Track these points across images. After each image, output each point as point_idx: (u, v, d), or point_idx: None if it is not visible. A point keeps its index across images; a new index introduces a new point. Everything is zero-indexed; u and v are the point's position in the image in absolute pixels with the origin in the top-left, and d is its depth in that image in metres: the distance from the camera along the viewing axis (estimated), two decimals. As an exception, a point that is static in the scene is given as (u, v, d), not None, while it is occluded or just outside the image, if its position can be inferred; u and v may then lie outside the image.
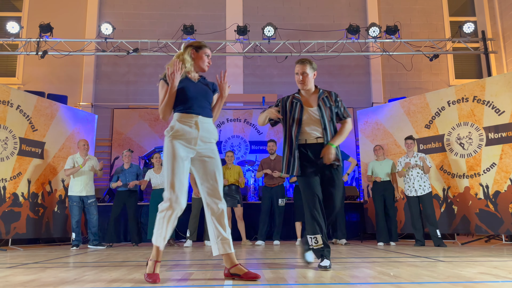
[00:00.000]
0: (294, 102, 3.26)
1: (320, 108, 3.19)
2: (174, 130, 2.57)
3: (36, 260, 4.02)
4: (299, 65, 3.23)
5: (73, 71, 9.55)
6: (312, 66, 3.25)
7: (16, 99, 6.05)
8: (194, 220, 6.17)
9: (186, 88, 2.62)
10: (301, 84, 3.24)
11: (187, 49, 2.73)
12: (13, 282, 2.51)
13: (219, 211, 2.60)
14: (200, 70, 2.76)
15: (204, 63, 2.74)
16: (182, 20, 9.34)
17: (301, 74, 3.22)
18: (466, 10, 10.50)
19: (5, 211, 5.71)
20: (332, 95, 3.29)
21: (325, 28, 9.65)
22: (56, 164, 6.58)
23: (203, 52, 2.73)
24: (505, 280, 2.40)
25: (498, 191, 5.61)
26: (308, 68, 3.21)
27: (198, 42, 2.77)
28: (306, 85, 3.23)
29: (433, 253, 4.28)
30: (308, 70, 3.21)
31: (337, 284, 2.33)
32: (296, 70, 3.24)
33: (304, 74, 3.21)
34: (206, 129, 2.63)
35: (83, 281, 2.53)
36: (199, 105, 2.63)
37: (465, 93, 6.11)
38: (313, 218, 3.06)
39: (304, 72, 3.21)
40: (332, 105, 3.23)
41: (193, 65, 2.72)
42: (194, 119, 2.59)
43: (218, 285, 2.36)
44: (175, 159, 2.52)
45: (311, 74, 3.23)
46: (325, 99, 3.24)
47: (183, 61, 2.68)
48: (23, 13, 9.75)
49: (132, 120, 9.35)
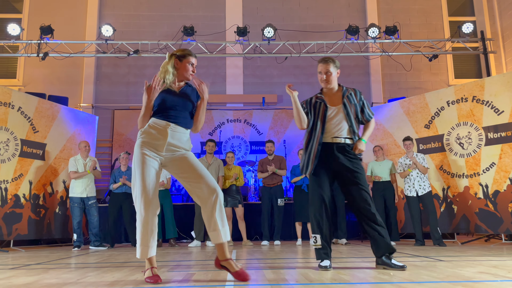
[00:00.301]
0: (317, 102, 3.25)
1: (345, 106, 3.17)
2: (142, 134, 2.60)
3: (38, 261, 4.05)
4: (322, 64, 3.21)
5: (74, 72, 9.57)
6: (335, 64, 3.23)
7: (18, 100, 6.07)
8: (199, 221, 6.20)
9: (164, 99, 2.64)
10: (324, 83, 3.22)
11: (171, 59, 2.72)
12: (16, 283, 2.53)
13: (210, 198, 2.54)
14: (184, 79, 2.75)
15: (188, 72, 2.72)
16: (182, 21, 9.36)
17: (324, 73, 3.20)
18: (465, 10, 10.52)
19: (6, 213, 5.73)
20: (356, 93, 3.27)
21: (325, 28, 9.67)
22: (57, 166, 6.61)
23: (187, 61, 2.71)
24: (504, 279, 2.42)
25: (498, 190, 5.63)
26: (332, 66, 3.19)
27: (181, 51, 2.75)
28: (329, 84, 3.21)
29: (433, 253, 4.30)
30: (332, 68, 3.19)
31: (337, 284, 2.35)
32: (319, 69, 3.21)
33: (328, 73, 3.19)
34: (177, 138, 2.62)
35: (85, 282, 2.55)
36: (175, 115, 2.63)
37: (464, 93, 6.14)
38: (314, 218, 3.08)
39: (328, 71, 3.19)
40: (356, 103, 3.22)
41: (176, 75, 2.72)
42: (165, 126, 2.59)
43: (219, 285, 2.38)
44: (143, 163, 2.53)
45: (334, 72, 3.22)
46: (349, 96, 3.21)
47: (166, 72, 2.68)
48: (24, 14, 9.77)
49: (133, 121, 9.37)
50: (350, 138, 3.16)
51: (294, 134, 9.30)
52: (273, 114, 9.54)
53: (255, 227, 6.91)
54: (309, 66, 9.63)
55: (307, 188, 6.26)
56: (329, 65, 3.19)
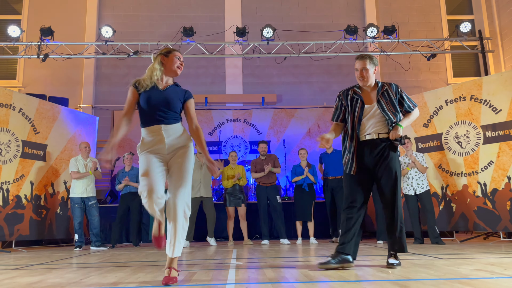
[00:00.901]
0: (354, 98, 3.21)
1: (380, 103, 3.11)
2: (143, 145, 2.65)
3: (41, 261, 4.09)
4: (359, 61, 3.16)
5: (73, 73, 9.60)
6: (373, 61, 3.18)
7: (18, 102, 6.11)
8: (190, 220, 6.22)
9: (148, 97, 2.65)
10: (361, 81, 3.18)
11: (157, 58, 2.76)
12: (21, 283, 2.57)
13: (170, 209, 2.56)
14: (172, 74, 2.75)
15: (175, 64, 2.73)
16: (181, 22, 9.39)
17: (361, 70, 3.15)
18: (464, 8, 10.56)
19: (8, 213, 5.77)
20: (392, 87, 3.19)
21: (324, 28, 9.71)
22: (58, 166, 6.65)
23: (173, 55, 2.75)
24: (500, 276, 2.46)
25: (496, 188, 5.67)
26: (368, 63, 3.15)
27: (167, 48, 2.80)
28: (366, 81, 3.17)
29: (431, 251, 4.35)
30: (369, 65, 3.14)
31: (336, 281, 2.39)
32: (356, 66, 3.17)
33: (364, 70, 3.14)
34: (172, 135, 2.64)
35: (89, 282, 2.59)
36: (159, 115, 2.63)
37: (462, 92, 6.17)
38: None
39: (364, 68, 3.14)
40: (393, 97, 3.15)
41: (164, 71, 2.74)
42: (157, 130, 2.62)
43: (221, 283, 2.42)
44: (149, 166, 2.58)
45: (371, 69, 3.16)
46: (384, 93, 3.16)
47: (153, 70, 2.73)
48: (23, 15, 9.80)
49: (133, 121, 9.37)
50: (388, 133, 3.11)
51: (294, 133, 9.34)
52: (273, 114, 9.58)
53: (255, 227, 6.95)
54: (308, 66, 9.67)
55: (308, 188, 6.30)
56: (366, 62, 3.14)
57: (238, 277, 2.65)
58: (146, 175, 2.56)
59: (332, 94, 9.70)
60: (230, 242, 6.31)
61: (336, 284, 2.30)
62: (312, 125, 9.37)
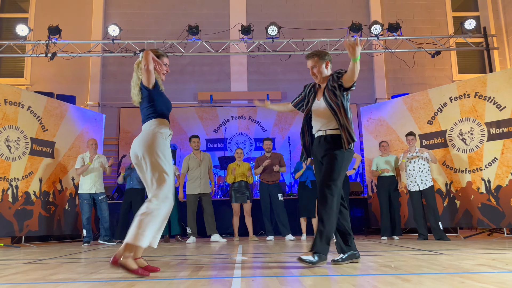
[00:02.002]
0: (312, 92, 3.27)
1: (325, 98, 3.11)
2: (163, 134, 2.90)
3: (51, 256, 4.18)
4: (308, 60, 3.21)
5: (80, 71, 9.70)
6: (323, 57, 3.17)
7: (27, 100, 6.20)
8: (192, 217, 6.29)
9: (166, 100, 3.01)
10: (315, 79, 3.23)
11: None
12: (34, 277, 2.66)
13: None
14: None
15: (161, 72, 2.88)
16: (186, 19, 9.46)
17: (311, 68, 3.21)
18: (469, 5, 10.53)
19: (18, 209, 5.88)
20: (334, 75, 3.12)
21: (328, 25, 9.73)
22: (66, 163, 6.75)
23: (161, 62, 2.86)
24: (501, 271, 2.51)
25: (500, 185, 5.70)
26: (318, 60, 3.17)
27: (156, 51, 2.86)
28: (319, 78, 3.20)
29: (435, 247, 4.39)
30: (318, 62, 3.17)
31: (339, 275, 2.45)
32: (307, 66, 3.22)
33: (315, 68, 3.19)
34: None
35: (99, 276, 2.67)
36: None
37: (466, 89, 6.19)
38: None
39: (314, 65, 3.18)
40: (335, 86, 3.07)
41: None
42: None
43: (227, 277, 2.49)
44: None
45: (322, 65, 3.17)
46: (328, 84, 3.13)
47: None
48: (30, 14, 9.90)
49: (139, 118, 9.39)
50: (336, 129, 3.07)
51: (299, 130, 9.32)
52: (278, 111, 9.61)
53: (260, 223, 7.02)
54: (312, 63, 9.69)
55: (311, 184, 6.36)
56: (315, 60, 3.17)
57: (244, 271, 2.72)
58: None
59: (337, 91, 9.72)
60: (235, 238, 6.39)
61: (340, 278, 2.36)
62: (317, 122, 9.39)
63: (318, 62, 3.18)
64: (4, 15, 10.04)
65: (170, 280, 2.44)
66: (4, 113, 5.88)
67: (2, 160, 5.77)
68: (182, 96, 9.60)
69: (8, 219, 5.74)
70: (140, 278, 2.49)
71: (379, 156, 6.46)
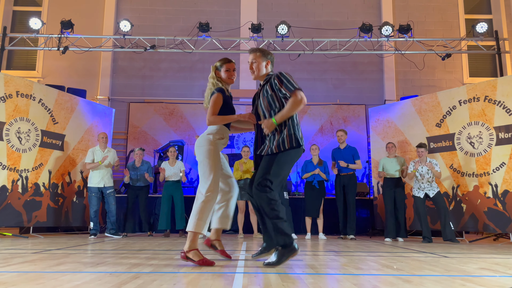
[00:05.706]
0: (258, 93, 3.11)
1: (259, 100, 3.00)
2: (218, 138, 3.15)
3: (58, 246, 4.25)
4: (249, 54, 3.07)
5: (91, 65, 9.80)
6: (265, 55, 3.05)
7: (39, 93, 6.29)
8: None
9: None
10: (252, 74, 3.09)
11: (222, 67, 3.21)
12: (41, 266, 2.72)
13: (228, 191, 3.37)
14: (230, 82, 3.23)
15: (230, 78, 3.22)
16: (197, 16, 9.50)
17: (250, 63, 3.06)
18: (482, 7, 10.42)
19: (27, 200, 5.98)
20: (272, 79, 2.98)
21: (339, 25, 9.70)
22: (76, 156, 6.84)
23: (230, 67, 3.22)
24: (502, 275, 2.51)
25: (507, 190, 5.67)
26: (259, 56, 3.04)
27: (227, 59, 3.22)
28: (256, 74, 3.07)
29: (439, 249, 4.39)
30: (259, 58, 3.03)
31: (341, 274, 2.48)
32: (248, 60, 3.08)
33: (254, 63, 3.05)
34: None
35: (105, 266, 2.73)
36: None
37: (476, 92, 6.15)
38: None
39: (254, 60, 3.05)
40: (270, 91, 2.95)
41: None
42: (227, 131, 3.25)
43: (231, 272, 2.52)
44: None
45: (262, 63, 3.04)
46: (264, 88, 3.01)
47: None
48: (43, 8, 10.01)
49: (148, 114, 9.57)
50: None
51: (305, 129, 9.39)
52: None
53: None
54: (322, 63, 9.69)
55: (318, 184, 6.38)
56: (256, 55, 3.05)
57: (246, 268, 2.76)
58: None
59: (346, 92, 9.72)
60: (240, 235, 6.44)
61: (341, 277, 2.39)
62: (325, 122, 9.41)
63: (259, 58, 3.04)
64: (18, 8, 10.17)
65: (174, 273, 2.49)
66: (16, 105, 5.98)
67: (12, 152, 5.87)
68: (192, 93, 9.66)
69: (17, 209, 5.85)
70: (144, 271, 2.54)
71: (385, 157, 6.45)
